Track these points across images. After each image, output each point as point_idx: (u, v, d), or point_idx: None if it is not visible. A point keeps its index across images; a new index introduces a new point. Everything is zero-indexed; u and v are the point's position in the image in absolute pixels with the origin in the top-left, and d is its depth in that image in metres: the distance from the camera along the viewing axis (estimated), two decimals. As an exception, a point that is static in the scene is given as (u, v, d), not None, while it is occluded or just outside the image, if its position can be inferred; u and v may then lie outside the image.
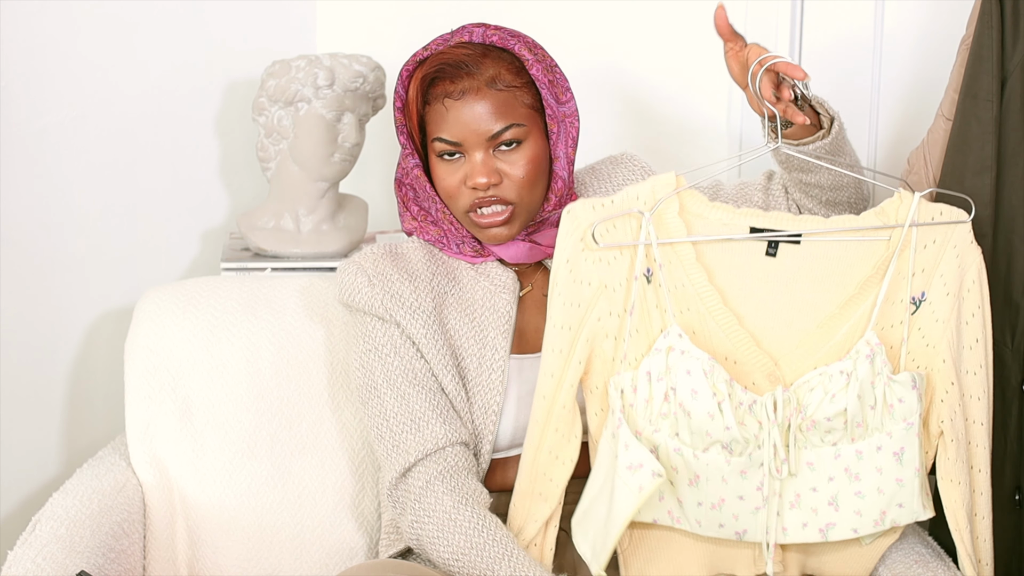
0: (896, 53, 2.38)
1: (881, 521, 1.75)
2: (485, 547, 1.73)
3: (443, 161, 1.83)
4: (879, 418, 1.72)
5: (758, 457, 1.72)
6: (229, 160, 2.50)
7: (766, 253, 1.76)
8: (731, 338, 1.74)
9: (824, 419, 1.72)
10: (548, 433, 1.76)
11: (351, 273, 1.87)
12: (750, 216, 1.75)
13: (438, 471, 1.78)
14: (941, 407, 1.77)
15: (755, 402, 1.72)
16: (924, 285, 1.76)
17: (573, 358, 1.75)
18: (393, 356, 1.83)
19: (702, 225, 1.76)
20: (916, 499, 1.74)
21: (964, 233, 1.76)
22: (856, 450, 1.73)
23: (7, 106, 2.24)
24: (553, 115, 1.84)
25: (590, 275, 1.74)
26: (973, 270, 1.76)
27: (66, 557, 1.75)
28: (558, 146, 1.86)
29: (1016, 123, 1.88)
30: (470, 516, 1.75)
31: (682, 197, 1.76)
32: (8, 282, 2.27)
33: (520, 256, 1.89)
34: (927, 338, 1.77)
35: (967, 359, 1.77)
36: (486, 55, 1.81)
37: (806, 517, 1.75)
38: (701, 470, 1.72)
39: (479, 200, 1.82)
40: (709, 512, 1.75)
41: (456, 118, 1.80)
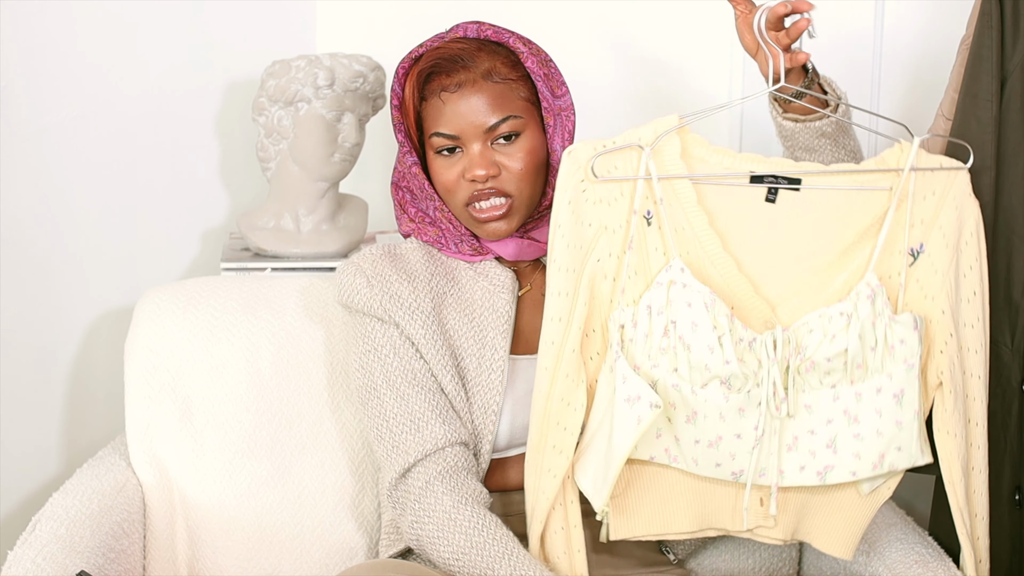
0: (896, 54, 2.38)
1: (880, 464, 1.73)
2: (485, 546, 1.73)
3: (441, 156, 1.84)
4: (879, 359, 1.72)
5: (756, 395, 1.71)
6: (229, 160, 2.50)
7: (765, 199, 1.75)
8: (729, 283, 1.73)
9: (824, 359, 1.71)
10: (559, 379, 1.74)
11: (350, 274, 1.87)
12: (751, 161, 1.74)
13: (438, 471, 1.78)
14: (940, 358, 1.76)
15: (755, 340, 1.71)
16: (923, 236, 1.75)
17: (579, 300, 1.73)
18: (392, 357, 1.83)
19: (703, 168, 1.75)
20: (915, 443, 1.73)
21: (963, 185, 1.75)
22: (855, 392, 1.72)
23: (7, 106, 2.24)
24: (549, 108, 1.85)
25: (591, 216, 1.73)
26: (971, 222, 1.75)
27: (66, 557, 1.75)
28: (555, 139, 1.86)
29: (1016, 123, 1.88)
30: (470, 515, 1.75)
31: (684, 139, 1.75)
32: (8, 282, 2.27)
33: (518, 253, 1.89)
34: (925, 289, 1.75)
35: (965, 312, 1.76)
36: (481, 49, 1.82)
37: (804, 460, 1.74)
38: (699, 406, 1.71)
39: (477, 193, 1.82)
40: (706, 450, 1.73)
41: (453, 111, 1.80)
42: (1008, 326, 1.91)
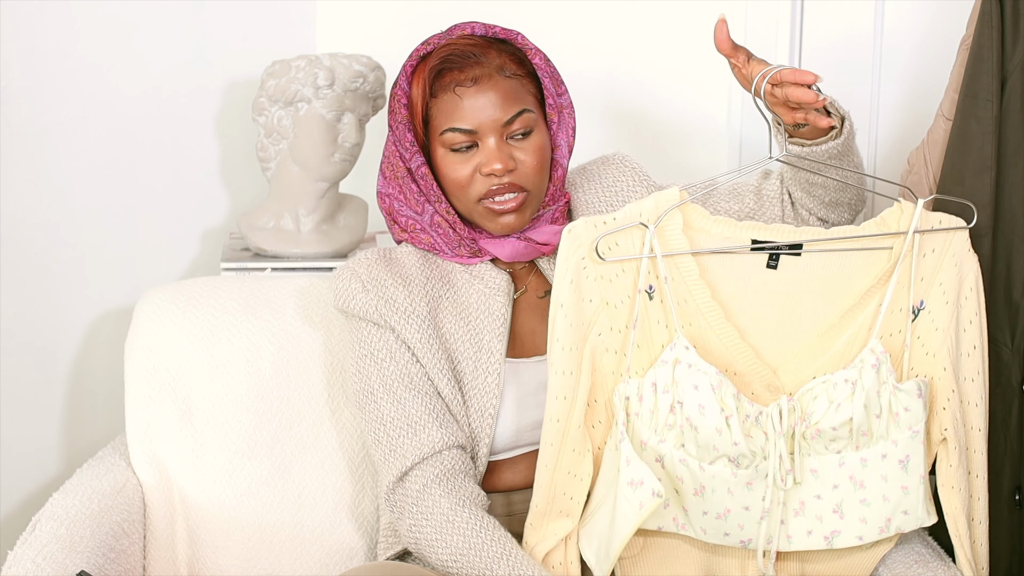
0: (896, 53, 2.38)
1: (886, 528, 1.75)
2: (483, 548, 1.73)
3: (452, 153, 1.83)
4: (884, 426, 1.72)
5: (764, 468, 1.72)
6: (229, 160, 2.50)
7: (767, 266, 1.76)
8: (732, 352, 1.74)
9: (830, 428, 1.71)
10: (565, 454, 1.76)
11: (345, 279, 1.86)
12: (751, 229, 1.75)
13: (435, 474, 1.78)
14: (943, 415, 1.77)
15: (761, 413, 1.71)
16: (923, 294, 1.75)
17: (582, 377, 1.74)
18: (389, 361, 1.83)
19: (706, 240, 1.75)
20: (921, 506, 1.74)
21: (962, 241, 1.76)
22: (861, 458, 1.73)
23: (7, 106, 2.24)
24: (553, 104, 1.86)
25: (591, 293, 1.73)
26: (971, 277, 1.76)
27: (66, 557, 1.75)
28: (559, 135, 1.87)
29: (1016, 123, 1.88)
30: (468, 517, 1.75)
31: (685, 212, 1.75)
32: (8, 282, 2.27)
33: (516, 254, 1.89)
34: (927, 347, 1.76)
35: (965, 366, 1.77)
36: (491, 45, 1.82)
37: (811, 525, 1.75)
38: (707, 481, 1.72)
39: (496, 188, 1.82)
40: (714, 521, 1.75)
41: (471, 105, 1.80)
42: (1008, 326, 1.91)
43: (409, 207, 1.88)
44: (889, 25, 2.37)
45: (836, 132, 1.83)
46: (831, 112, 1.83)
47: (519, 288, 1.92)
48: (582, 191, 1.95)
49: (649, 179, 1.96)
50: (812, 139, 1.83)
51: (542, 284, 1.92)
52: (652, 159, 2.34)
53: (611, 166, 1.97)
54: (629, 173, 1.96)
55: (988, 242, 1.88)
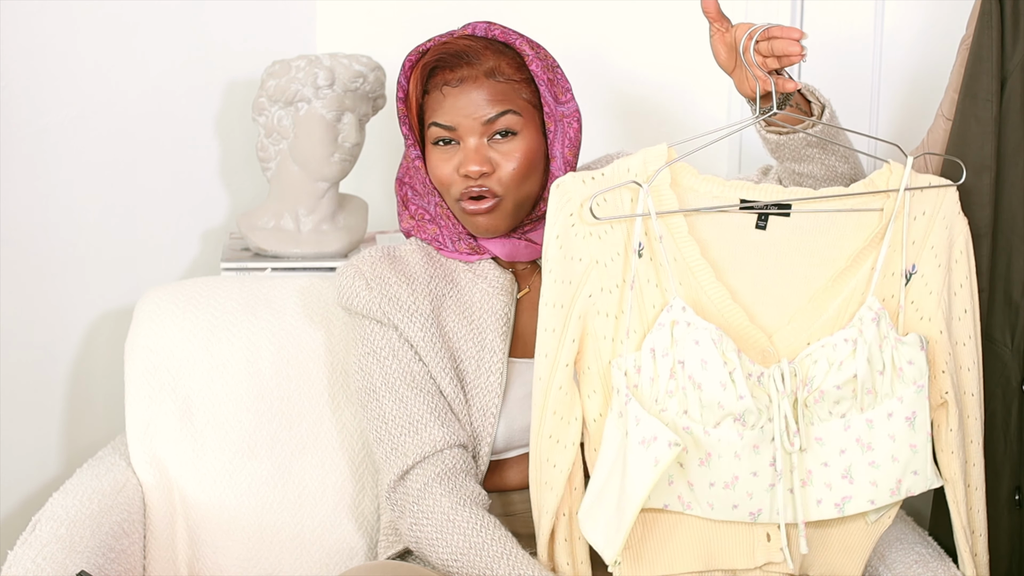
0: (896, 53, 2.38)
1: (897, 490, 1.72)
2: (484, 547, 1.73)
3: (437, 148, 1.84)
4: (889, 383, 1.70)
5: (769, 431, 1.69)
6: (229, 160, 2.50)
7: (756, 226, 1.73)
8: (724, 313, 1.71)
9: (833, 388, 1.69)
10: (547, 416, 1.72)
11: (349, 276, 1.87)
12: (740, 188, 1.72)
13: (436, 473, 1.78)
14: (943, 378, 1.75)
15: (763, 374, 1.69)
16: (914, 257, 1.74)
17: (567, 336, 1.70)
18: (391, 359, 1.83)
19: (694, 198, 1.72)
20: (929, 465, 1.72)
21: (952, 203, 1.75)
22: (866, 419, 1.70)
23: (7, 106, 2.24)
24: (551, 113, 1.84)
25: (580, 251, 1.70)
26: (961, 240, 1.75)
27: (66, 557, 1.75)
28: (555, 145, 1.85)
29: (1016, 123, 1.88)
30: (468, 517, 1.75)
31: (673, 169, 1.72)
32: (8, 282, 2.27)
33: (515, 254, 1.89)
34: (920, 311, 1.75)
35: (957, 329, 1.76)
36: (487, 47, 1.82)
37: (820, 493, 1.72)
38: (713, 447, 1.68)
39: (470, 189, 1.82)
40: (722, 492, 1.71)
41: (452, 104, 1.81)
42: (1008, 326, 1.91)
43: (419, 195, 1.90)
44: (889, 25, 2.37)
45: (816, 119, 1.82)
46: (811, 101, 1.82)
47: (522, 288, 1.92)
48: None
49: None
50: (792, 125, 1.82)
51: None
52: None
53: None
54: None
55: (988, 242, 1.88)
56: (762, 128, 1.83)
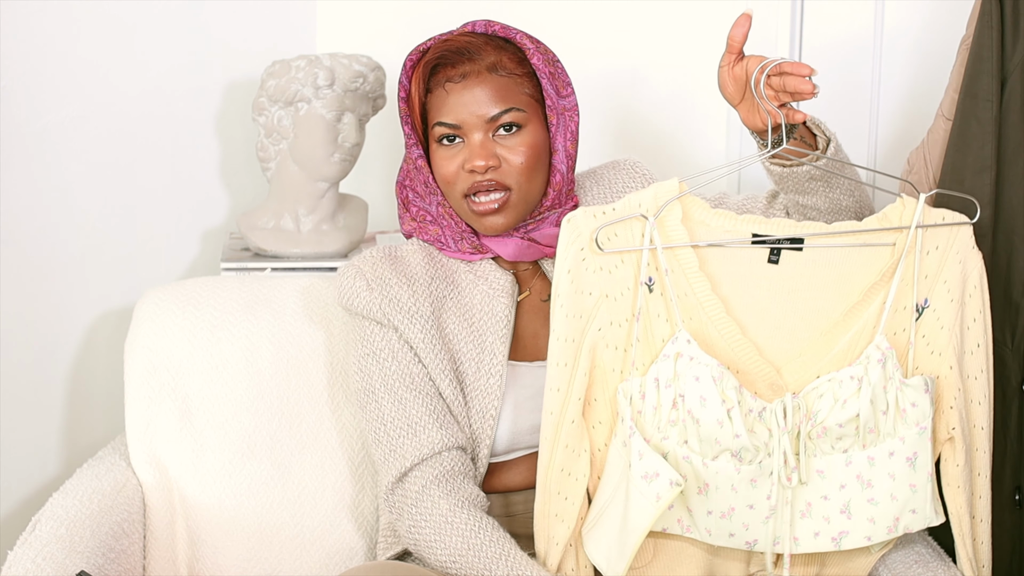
0: (896, 53, 2.38)
1: (895, 528, 1.73)
2: (482, 548, 1.73)
3: (442, 147, 1.83)
4: (891, 423, 1.70)
5: (768, 465, 1.70)
6: (229, 160, 2.50)
7: (768, 260, 1.73)
8: (733, 348, 1.72)
9: (836, 425, 1.70)
10: (558, 450, 1.74)
11: (350, 277, 1.86)
12: (752, 223, 1.73)
13: (434, 475, 1.78)
14: (951, 414, 1.75)
15: (764, 409, 1.70)
16: (927, 292, 1.74)
17: (578, 370, 1.73)
18: (391, 361, 1.83)
19: (705, 232, 1.74)
20: (929, 504, 1.73)
21: (966, 238, 1.74)
22: (868, 456, 1.71)
23: (7, 106, 2.24)
24: (553, 106, 1.85)
25: (591, 285, 1.72)
26: (975, 275, 1.74)
27: (66, 557, 1.75)
28: (557, 139, 1.86)
29: (1016, 123, 1.88)
30: (467, 518, 1.75)
31: (685, 204, 1.74)
32: (8, 282, 2.27)
33: (518, 254, 1.89)
34: (931, 345, 1.75)
35: (969, 364, 1.76)
36: (488, 43, 1.82)
37: (818, 526, 1.74)
38: (710, 478, 1.70)
39: (476, 184, 1.82)
40: (719, 521, 1.73)
41: (456, 101, 1.80)
42: (1008, 326, 1.91)
43: (420, 197, 1.89)
44: (889, 25, 2.37)
45: (821, 152, 1.81)
46: (816, 134, 1.82)
47: (523, 291, 1.92)
48: (591, 195, 1.95)
49: None
50: (792, 158, 1.82)
51: (546, 288, 1.92)
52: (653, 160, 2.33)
53: (622, 171, 1.97)
54: (639, 179, 1.96)
55: (988, 242, 1.88)
56: (766, 160, 1.83)
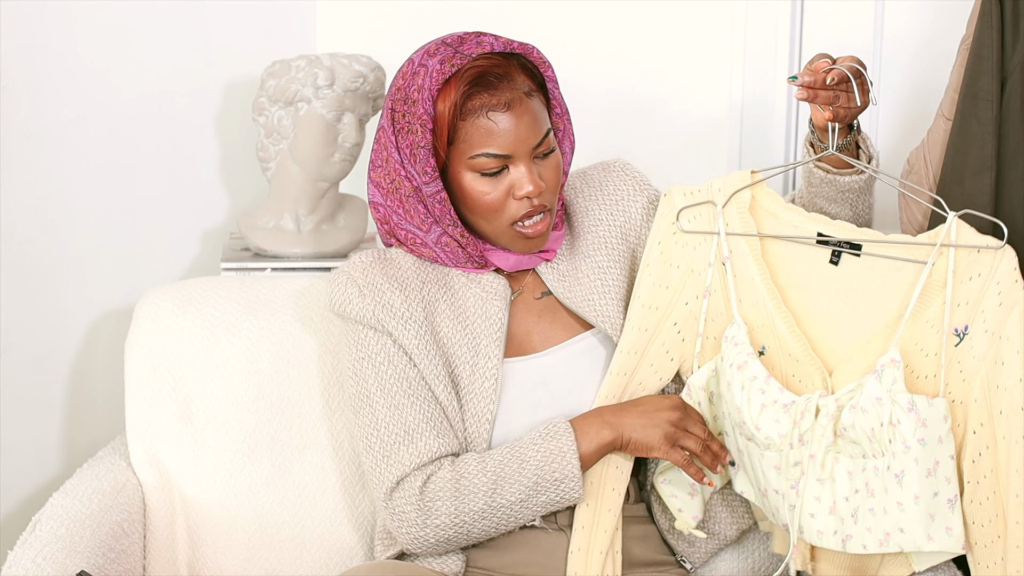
0: (896, 54, 2.38)
1: (885, 542, 1.73)
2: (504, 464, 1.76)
3: (483, 177, 1.79)
4: (887, 436, 1.70)
5: (790, 456, 1.73)
6: (229, 160, 2.50)
7: (829, 261, 1.78)
8: (793, 337, 1.77)
9: (842, 429, 1.72)
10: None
11: (341, 283, 1.85)
12: (819, 222, 1.78)
13: (430, 473, 1.79)
14: (969, 445, 1.73)
15: (792, 402, 1.73)
16: (967, 319, 1.72)
17: (657, 339, 1.82)
18: (387, 364, 1.83)
19: (773, 223, 1.80)
20: (918, 527, 1.71)
21: (1009, 270, 1.71)
22: (875, 466, 1.72)
23: (7, 106, 2.24)
24: (560, 113, 1.85)
25: (679, 258, 1.83)
26: (1017, 311, 1.70)
27: (66, 557, 1.75)
28: (564, 143, 1.87)
29: (1016, 123, 1.87)
30: (471, 460, 1.78)
31: (756, 193, 1.81)
32: (8, 282, 2.27)
33: (520, 263, 1.88)
34: (964, 373, 1.73)
35: (998, 399, 1.71)
36: (510, 62, 1.79)
37: (836, 525, 1.75)
38: (748, 456, 1.78)
39: (530, 210, 1.81)
40: (761, 498, 1.80)
41: (506, 130, 1.77)
42: (1008, 326, 1.91)
43: (412, 224, 1.85)
44: (889, 25, 2.37)
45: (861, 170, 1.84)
46: (861, 148, 1.84)
47: (516, 289, 1.91)
48: (583, 197, 1.94)
49: (651, 187, 1.95)
50: (838, 168, 1.85)
51: (539, 285, 1.92)
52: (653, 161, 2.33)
53: (612, 173, 1.96)
54: (630, 181, 1.95)
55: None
56: (812, 162, 1.85)
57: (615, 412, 1.80)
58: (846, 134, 1.82)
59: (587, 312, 1.87)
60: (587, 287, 1.88)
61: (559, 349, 1.88)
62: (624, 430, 1.78)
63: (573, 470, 1.76)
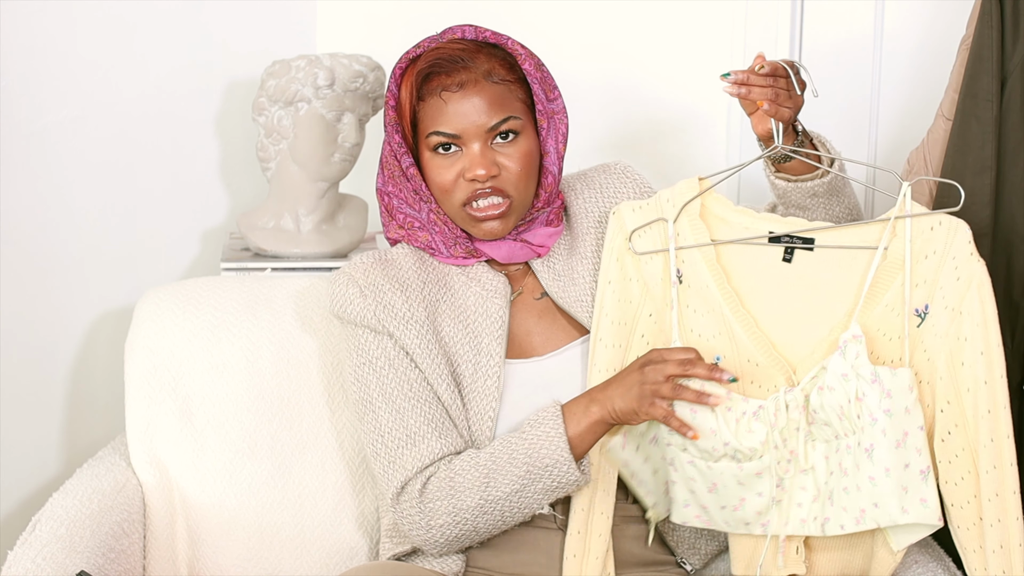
0: (896, 53, 2.38)
1: (861, 519, 1.73)
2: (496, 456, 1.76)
3: (438, 156, 1.82)
4: (855, 412, 1.71)
5: (773, 457, 1.73)
6: (229, 160, 2.50)
7: (782, 259, 1.77)
8: (752, 340, 1.76)
9: (813, 412, 1.72)
10: None
11: (342, 284, 1.86)
12: (770, 221, 1.78)
13: (432, 474, 1.79)
14: (938, 424, 1.73)
15: (761, 407, 1.73)
16: (927, 297, 1.73)
17: (631, 354, 1.82)
18: (388, 369, 1.83)
19: (723, 227, 1.79)
20: (892, 500, 1.71)
21: (963, 244, 1.71)
22: (847, 444, 1.73)
23: (7, 106, 2.24)
24: (543, 111, 1.85)
25: (633, 272, 1.83)
26: (974, 285, 1.71)
27: (66, 557, 1.75)
28: (548, 141, 1.86)
29: (1016, 123, 1.88)
30: (466, 456, 1.78)
31: (705, 200, 1.80)
32: (8, 282, 2.27)
33: (510, 256, 1.89)
34: (928, 352, 1.74)
35: (965, 377, 1.72)
36: (480, 50, 1.82)
37: (816, 511, 1.76)
38: (716, 478, 1.75)
39: (476, 193, 1.82)
40: (732, 514, 1.77)
41: (455, 110, 1.80)
42: (1008, 326, 1.91)
43: (408, 204, 1.88)
44: (889, 25, 2.37)
45: (823, 171, 1.83)
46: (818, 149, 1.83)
47: (515, 290, 1.92)
48: (582, 198, 1.95)
49: (651, 190, 1.95)
50: (798, 175, 1.84)
51: (538, 286, 1.92)
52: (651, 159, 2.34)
53: (612, 175, 1.97)
54: (630, 184, 1.95)
55: (988, 242, 1.88)
56: (771, 173, 1.85)
57: (601, 387, 1.78)
58: (793, 138, 1.82)
59: (579, 313, 1.87)
60: (581, 288, 1.88)
61: (559, 353, 1.88)
62: (607, 403, 1.75)
63: (562, 453, 1.75)
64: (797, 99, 1.80)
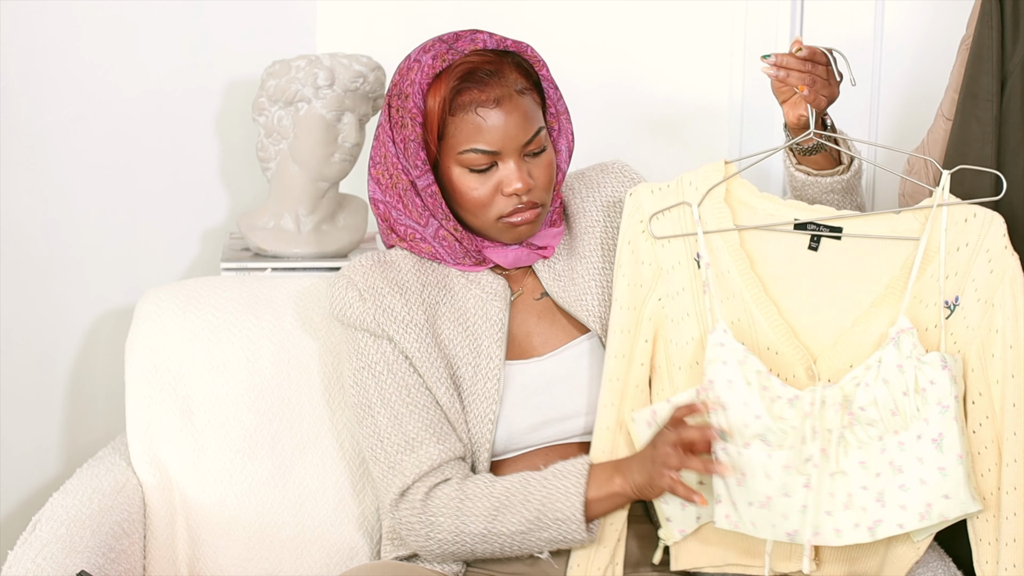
0: (896, 53, 2.38)
1: (927, 514, 1.70)
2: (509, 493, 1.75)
3: (471, 173, 1.80)
4: (914, 404, 1.69)
5: (803, 453, 1.70)
6: (229, 160, 2.50)
7: (808, 247, 1.77)
8: (773, 328, 1.75)
9: (859, 410, 1.70)
10: (625, 413, 1.80)
11: (341, 287, 1.85)
12: (795, 208, 1.77)
13: (435, 481, 1.79)
14: (969, 417, 1.73)
15: (796, 397, 1.71)
16: (958, 289, 1.73)
17: (639, 337, 1.80)
18: (387, 374, 1.82)
19: (749, 214, 1.79)
20: (963, 489, 1.69)
21: (997, 237, 1.71)
22: (899, 441, 1.70)
23: (7, 106, 2.24)
24: (555, 112, 1.85)
25: (647, 255, 1.81)
26: (1007, 278, 1.71)
27: (66, 557, 1.75)
28: (559, 141, 1.87)
29: (1016, 123, 1.88)
30: (479, 481, 1.77)
31: (730, 184, 1.80)
32: (8, 282, 2.27)
33: (518, 260, 1.89)
34: (958, 344, 1.73)
35: (994, 367, 1.71)
36: (503, 60, 1.80)
37: (858, 516, 1.72)
38: (745, 467, 1.72)
39: (517, 208, 1.81)
40: (759, 512, 1.74)
41: (495, 126, 1.77)
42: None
43: (410, 218, 1.86)
44: (889, 25, 2.37)
45: (844, 168, 1.84)
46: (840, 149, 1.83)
47: (515, 291, 1.91)
48: (580, 197, 1.94)
49: None
50: (820, 169, 1.84)
51: (538, 286, 1.92)
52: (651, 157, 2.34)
53: (610, 174, 1.97)
54: (628, 182, 1.95)
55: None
56: (792, 165, 1.85)
57: (627, 459, 1.77)
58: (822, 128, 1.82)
59: (580, 313, 1.87)
60: (582, 287, 1.88)
61: (559, 352, 1.88)
62: (629, 475, 1.75)
63: (575, 512, 1.74)
64: (833, 88, 1.80)
